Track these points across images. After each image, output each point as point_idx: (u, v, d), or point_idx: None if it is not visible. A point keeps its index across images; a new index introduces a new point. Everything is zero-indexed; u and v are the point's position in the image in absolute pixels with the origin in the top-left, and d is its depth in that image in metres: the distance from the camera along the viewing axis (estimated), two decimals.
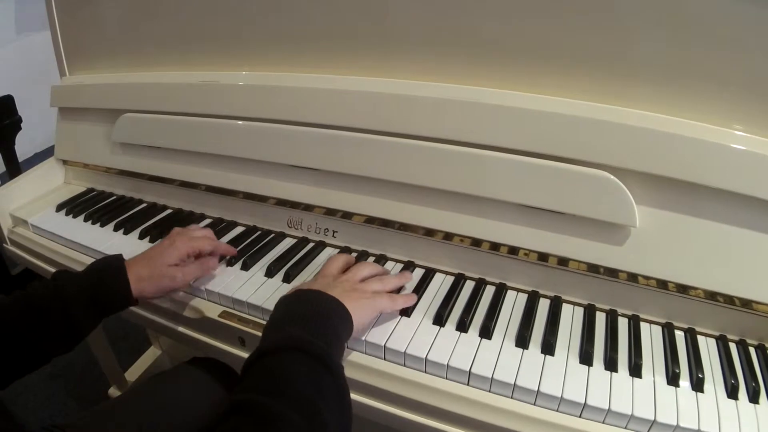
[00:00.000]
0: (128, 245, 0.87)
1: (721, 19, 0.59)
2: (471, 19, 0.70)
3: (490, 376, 0.59)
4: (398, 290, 0.71)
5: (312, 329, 0.53)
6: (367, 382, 0.63)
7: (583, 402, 0.55)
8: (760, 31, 0.58)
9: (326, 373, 0.50)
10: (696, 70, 0.62)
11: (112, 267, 0.67)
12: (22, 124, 1.71)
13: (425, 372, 0.62)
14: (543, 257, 0.70)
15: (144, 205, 1.02)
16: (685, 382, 0.58)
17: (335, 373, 0.50)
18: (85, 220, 0.97)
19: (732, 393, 0.57)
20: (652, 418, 0.54)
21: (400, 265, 0.79)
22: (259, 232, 0.89)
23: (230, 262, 0.80)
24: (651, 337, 0.65)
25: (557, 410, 0.57)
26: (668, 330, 0.65)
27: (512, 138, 0.68)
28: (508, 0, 0.67)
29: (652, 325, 0.67)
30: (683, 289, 0.64)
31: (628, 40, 0.64)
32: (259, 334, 0.69)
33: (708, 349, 0.63)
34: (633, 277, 0.66)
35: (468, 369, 0.59)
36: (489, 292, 0.73)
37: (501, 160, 0.69)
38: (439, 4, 0.71)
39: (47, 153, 1.14)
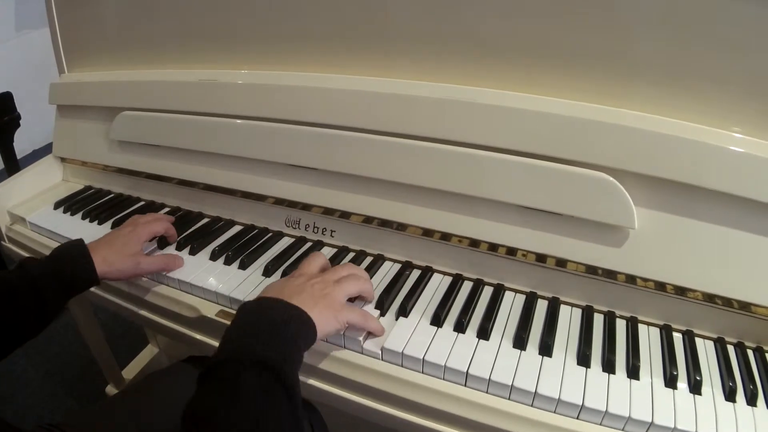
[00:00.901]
0: None
1: (721, 20, 0.58)
2: (470, 18, 0.70)
3: (488, 378, 0.58)
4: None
5: (271, 342, 0.52)
6: (364, 382, 0.63)
7: (580, 404, 0.55)
8: (759, 32, 0.57)
9: (280, 388, 0.49)
10: (695, 72, 0.62)
11: (76, 250, 0.71)
12: (20, 121, 1.70)
13: (422, 373, 0.62)
14: (541, 258, 0.70)
15: (142, 203, 1.01)
16: (682, 384, 0.58)
17: (289, 387, 0.49)
18: (83, 218, 0.96)
19: (730, 395, 0.57)
20: (650, 420, 0.54)
21: (397, 266, 0.78)
22: (256, 231, 0.89)
23: (228, 261, 0.80)
24: (649, 339, 0.65)
25: (554, 412, 0.57)
26: (666, 332, 0.65)
27: (511, 138, 0.68)
28: (507, 0, 0.67)
29: (650, 327, 0.67)
30: (681, 291, 0.64)
31: (626, 40, 0.63)
32: None
33: (706, 351, 0.63)
34: (631, 279, 0.66)
35: (465, 370, 0.59)
36: (487, 292, 0.72)
37: (500, 161, 0.69)
38: (438, 4, 0.71)
39: (45, 150, 1.14)
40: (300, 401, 0.51)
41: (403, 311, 0.68)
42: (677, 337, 0.65)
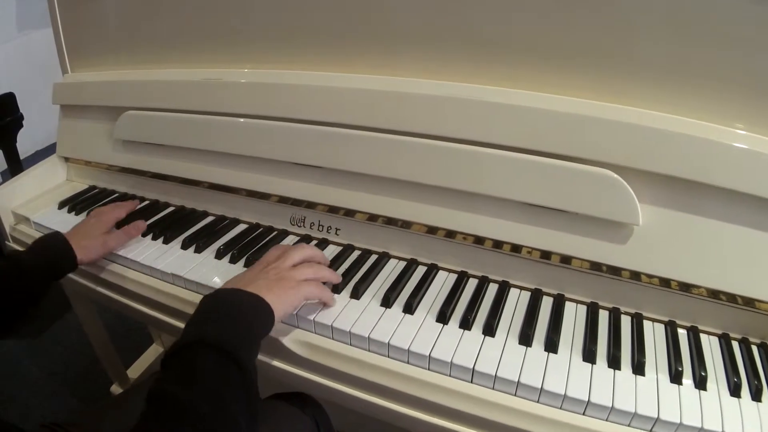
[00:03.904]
0: (131, 242, 0.87)
1: (724, 17, 0.59)
2: (473, 16, 0.70)
3: (494, 374, 0.59)
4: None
5: (225, 325, 0.57)
6: (371, 379, 0.63)
7: (586, 399, 0.56)
8: (762, 29, 0.58)
9: (235, 368, 0.52)
10: (698, 69, 0.62)
11: (59, 240, 0.79)
12: (23, 122, 1.71)
13: (429, 369, 0.62)
14: (546, 255, 0.70)
15: (146, 202, 1.02)
16: (688, 380, 0.58)
17: (243, 368, 0.53)
18: None
19: (735, 391, 0.57)
20: (656, 416, 0.54)
21: (402, 263, 0.79)
22: (261, 230, 0.89)
23: (233, 260, 0.80)
24: (654, 336, 0.65)
25: (561, 408, 0.57)
26: (671, 328, 0.66)
27: (515, 136, 0.68)
28: None
29: (655, 323, 0.67)
30: (686, 287, 0.64)
31: (630, 38, 0.64)
32: None
33: (711, 347, 0.64)
34: (636, 276, 0.66)
35: (472, 366, 0.60)
36: (492, 289, 0.73)
37: (504, 158, 0.69)
38: (441, 2, 0.71)
39: (48, 151, 1.14)
40: (255, 379, 0.54)
41: (409, 308, 0.68)
42: (682, 333, 0.65)
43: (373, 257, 0.80)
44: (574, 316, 0.68)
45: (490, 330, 0.65)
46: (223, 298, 0.61)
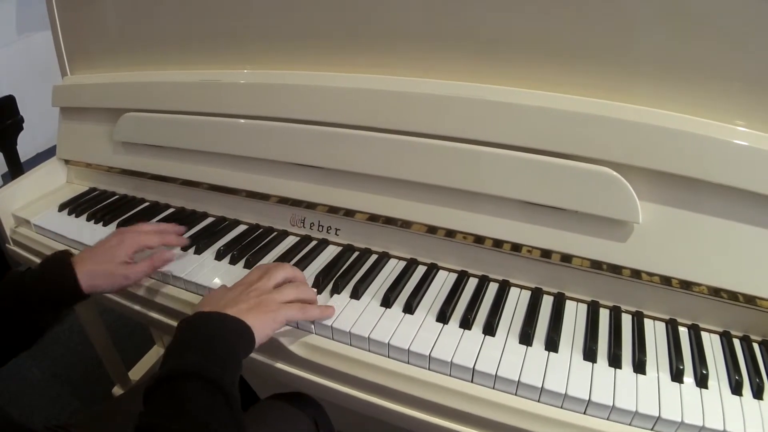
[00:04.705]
0: None
1: (724, 14, 0.58)
2: (471, 15, 0.70)
3: (494, 373, 0.59)
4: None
5: (208, 354, 0.54)
6: (371, 379, 0.63)
7: (587, 398, 0.56)
8: (762, 25, 0.57)
9: (221, 397, 0.51)
10: (698, 66, 0.62)
11: (60, 264, 0.69)
12: (23, 125, 1.71)
13: (429, 369, 0.62)
14: (546, 254, 0.70)
15: (146, 204, 1.02)
16: (689, 378, 0.58)
17: (229, 396, 0.52)
18: (88, 220, 0.97)
19: (736, 389, 0.57)
20: (657, 415, 0.54)
21: (403, 263, 0.79)
22: (261, 230, 0.89)
23: (233, 260, 0.80)
24: (655, 334, 0.65)
25: (561, 407, 0.57)
26: (672, 326, 0.65)
27: (514, 135, 0.68)
28: None
29: (656, 322, 0.67)
30: (687, 285, 0.64)
31: (629, 35, 0.63)
32: None
33: (712, 345, 0.63)
34: (636, 274, 0.66)
35: (472, 366, 0.60)
36: (492, 289, 0.73)
37: (503, 157, 0.69)
38: (440, 1, 0.71)
39: (49, 153, 1.14)
40: (240, 407, 0.53)
41: (409, 308, 0.68)
42: (683, 331, 0.65)
43: (373, 257, 0.80)
44: (574, 315, 0.68)
45: (490, 329, 0.65)
46: (203, 322, 0.59)
